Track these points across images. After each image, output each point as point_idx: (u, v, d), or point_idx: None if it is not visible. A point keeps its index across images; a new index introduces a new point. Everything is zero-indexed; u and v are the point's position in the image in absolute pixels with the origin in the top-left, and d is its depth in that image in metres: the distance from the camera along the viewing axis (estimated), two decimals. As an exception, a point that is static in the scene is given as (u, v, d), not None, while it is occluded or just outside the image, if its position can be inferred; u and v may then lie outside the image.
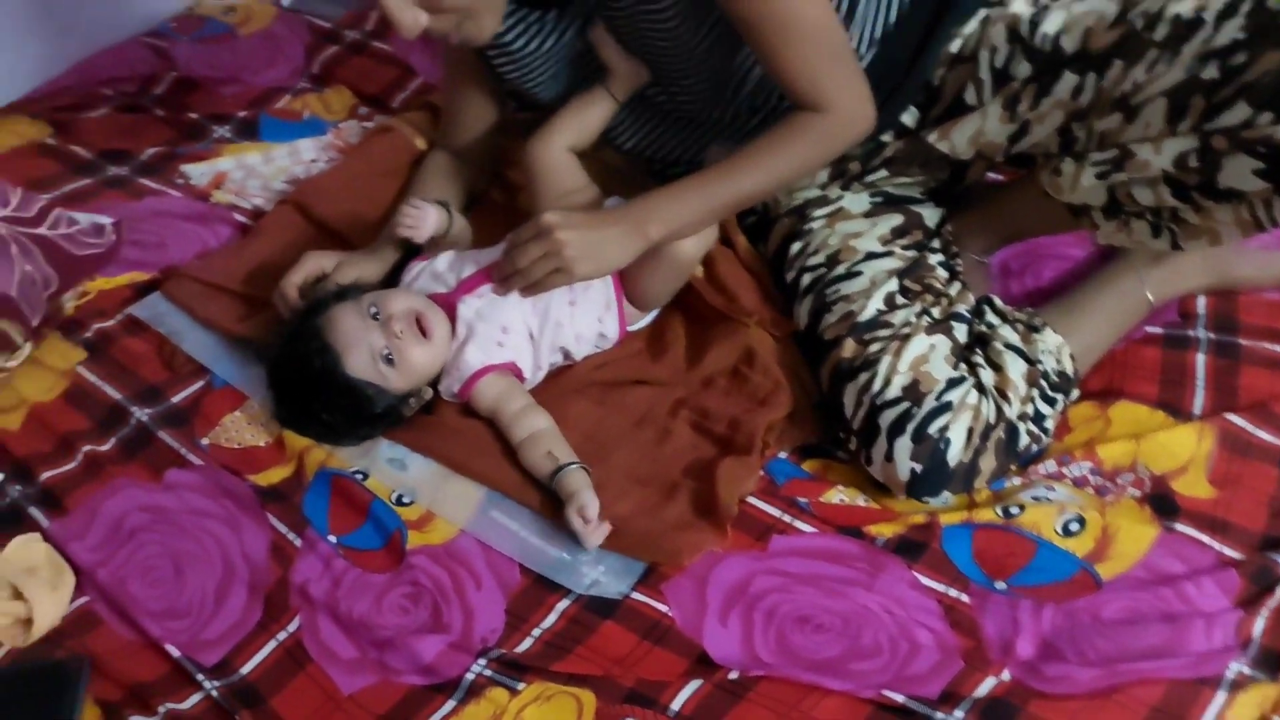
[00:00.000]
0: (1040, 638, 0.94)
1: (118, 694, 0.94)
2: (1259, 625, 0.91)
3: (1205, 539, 1.00)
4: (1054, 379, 1.11)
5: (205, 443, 1.14)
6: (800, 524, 1.05)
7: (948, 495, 1.06)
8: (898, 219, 1.20)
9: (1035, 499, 1.04)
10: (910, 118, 1.17)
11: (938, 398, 1.04)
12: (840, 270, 1.16)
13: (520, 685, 0.92)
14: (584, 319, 1.14)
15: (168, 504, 1.08)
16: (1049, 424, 1.10)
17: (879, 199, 1.22)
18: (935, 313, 1.12)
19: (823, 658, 0.93)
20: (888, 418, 1.05)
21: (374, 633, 0.96)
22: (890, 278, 1.14)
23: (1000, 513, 1.03)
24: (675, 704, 0.89)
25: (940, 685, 0.90)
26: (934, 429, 1.03)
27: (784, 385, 1.13)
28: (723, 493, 1.03)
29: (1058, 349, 1.13)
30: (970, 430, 1.04)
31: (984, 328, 1.15)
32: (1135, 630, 0.93)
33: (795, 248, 1.21)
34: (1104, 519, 1.02)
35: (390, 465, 1.10)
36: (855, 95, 1.05)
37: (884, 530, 1.03)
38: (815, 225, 1.21)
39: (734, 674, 0.91)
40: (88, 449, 1.13)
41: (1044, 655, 0.92)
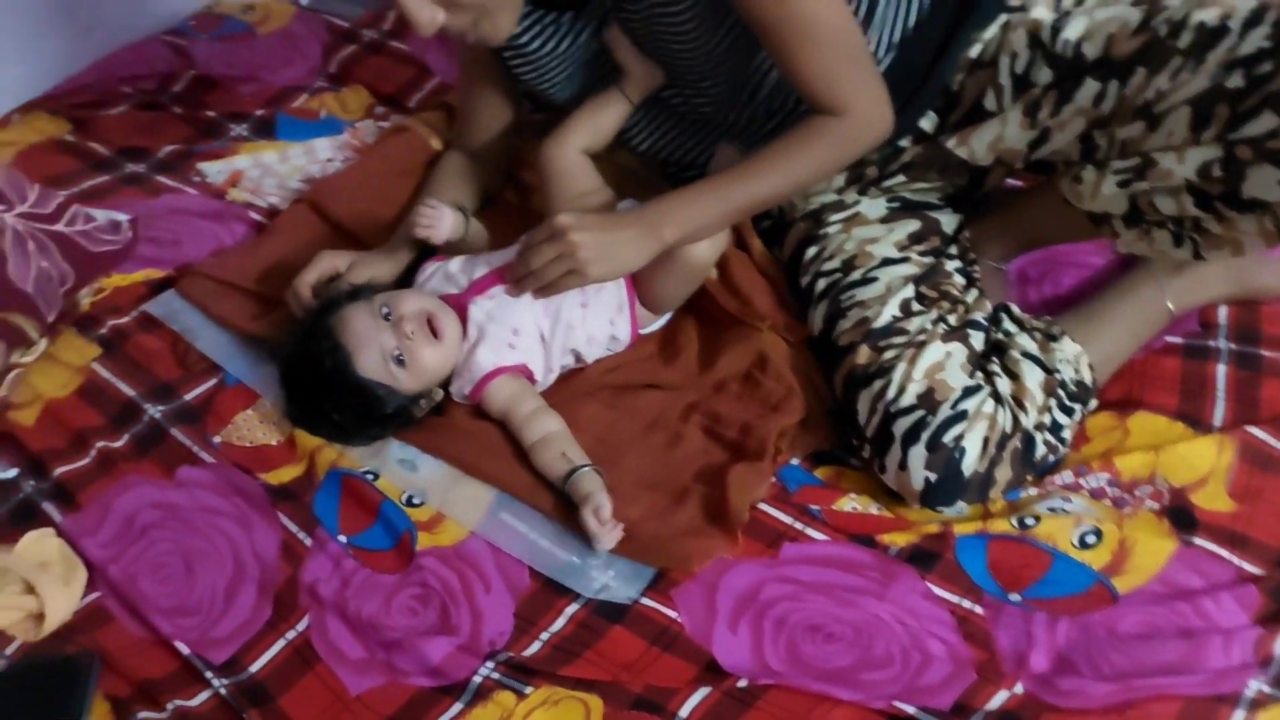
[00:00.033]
0: (1055, 651, 0.93)
1: (127, 690, 0.94)
2: (1279, 643, 0.90)
3: (1224, 554, 0.99)
4: (1072, 388, 1.10)
5: (217, 440, 1.14)
6: (812, 531, 1.04)
7: (962, 505, 1.05)
8: (915, 224, 1.19)
9: (1051, 510, 1.03)
10: (929, 123, 1.16)
11: (953, 406, 1.03)
12: (856, 276, 1.15)
13: (528, 689, 0.91)
14: (596, 321, 1.13)
15: (179, 501, 1.08)
16: (1066, 434, 1.09)
17: (896, 204, 1.21)
18: (952, 320, 1.11)
19: (833, 667, 0.92)
20: (902, 426, 1.04)
21: (382, 633, 0.96)
22: (906, 284, 1.13)
23: (1015, 523, 1.02)
24: (683, 711, 0.89)
25: (952, 697, 0.90)
26: (949, 438, 1.02)
27: (797, 391, 1.12)
28: (734, 499, 1.02)
29: (1076, 358, 1.12)
30: (986, 440, 1.03)
31: (1001, 336, 1.14)
32: (1152, 645, 0.92)
33: (810, 252, 1.20)
34: (1121, 531, 1.01)
35: (401, 466, 1.10)
36: (873, 99, 1.04)
37: (897, 539, 1.03)
38: (831, 230, 1.20)
39: (743, 682, 0.91)
40: (101, 445, 1.13)
41: (1058, 669, 0.91)
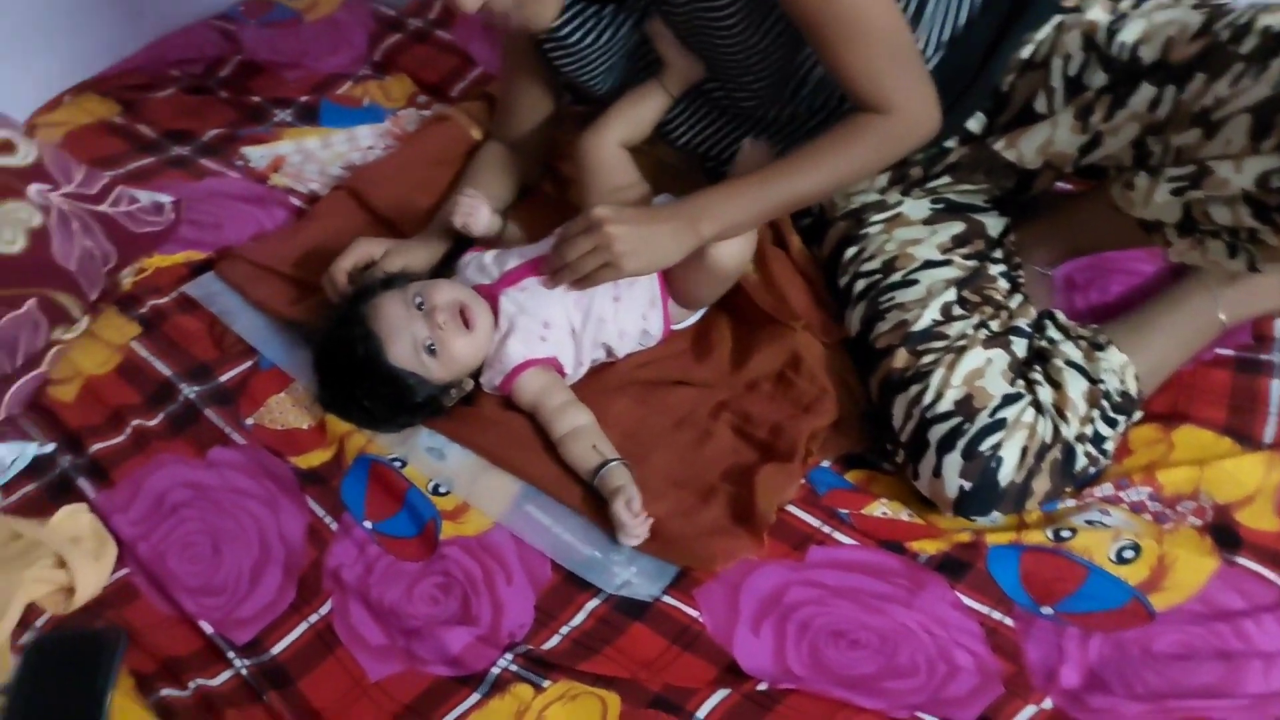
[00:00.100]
0: (1086, 667, 0.90)
1: (151, 666, 0.95)
2: (1322, 670, 0.87)
3: (1269, 574, 0.96)
4: (1116, 399, 1.07)
5: (250, 423, 1.15)
6: (840, 535, 1.02)
7: (997, 515, 1.03)
8: (959, 227, 1.17)
9: (1089, 523, 1.01)
10: (976, 124, 1.14)
11: (991, 414, 1.01)
12: (896, 277, 1.13)
13: (545, 683, 0.91)
14: (628, 316, 1.13)
15: (209, 481, 1.09)
16: (1109, 446, 1.06)
17: (940, 206, 1.19)
18: (994, 325, 1.09)
19: (857, 674, 0.91)
20: (938, 432, 1.02)
21: (403, 621, 0.96)
22: (948, 287, 1.10)
23: (1051, 535, 1.00)
24: (701, 712, 0.88)
25: (978, 710, 0.88)
26: (986, 447, 1.00)
27: (830, 392, 1.10)
28: (761, 500, 1.01)
29: (1121, 368, 1.09)
30: (1025, 450, 1.01)
31: (1045, 343, 1.11)
32: (1188, 666, 0.89)
33: (850, 252, 1.18)
34: (1161, 547, 0.98)
35: (429, 454, 1.10)
36: (920, 98, 1.03)
37: (927, 547, 1.01)
38: (872, 230, 1.18)
39: (763, 685, 0.89)
40: (136, 423, 1.15)
41: (1089, 686, 0.89)
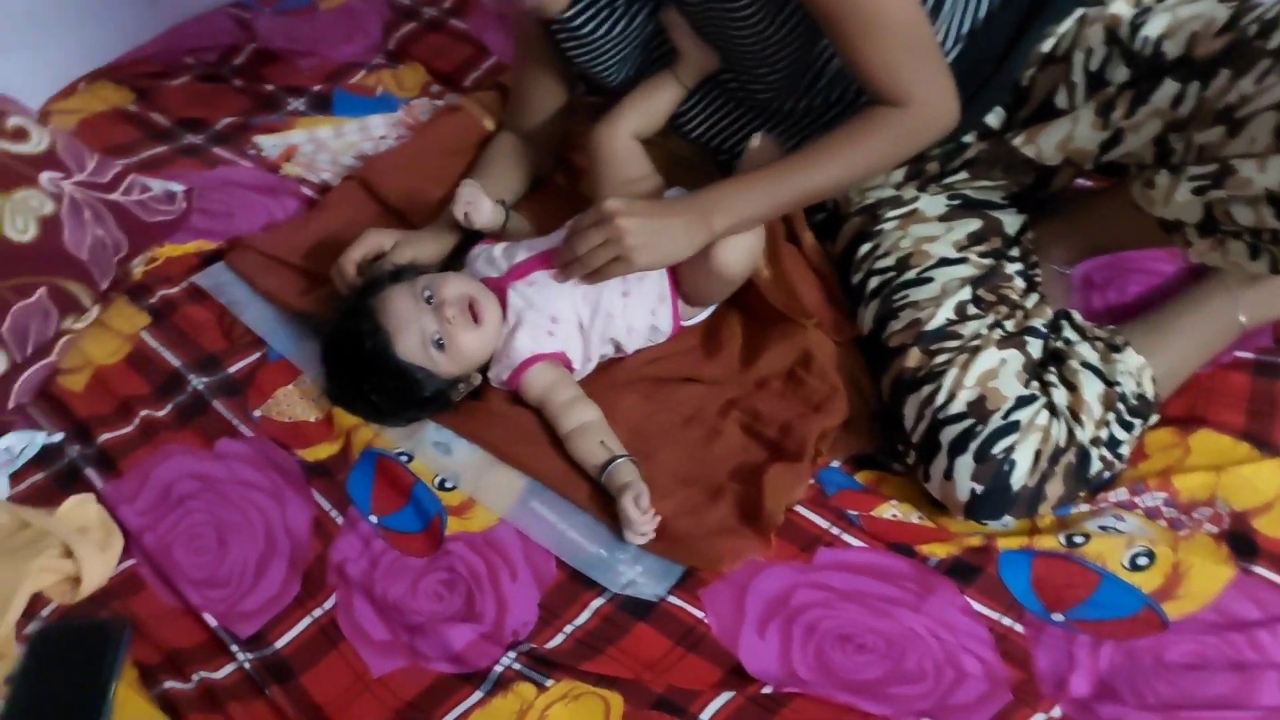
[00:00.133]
0: (1097, 676, 0.89)
1: (156, 658, 0.95)
2: (1340, 684, 0.85)
3: (1286, 584, 0.94)
4: (1132, 402, 1.05)
5: (257, 414, 1.14)
6: (848, 537, 1.01)
7: (1009, 519, 1.01)
8: (975, 224, 1.15)
9: (1103, 528, 0.99)
10: (995, 119, 1.12)
11: (1005, 416, 0.99)
12: (910, 275, 1.11)
13: (548, 682, 0.90)
14: (636, 311, 1.12)
15: (216, 473, 1.09)
16: (1124, 450, 1.05)
17: (956, 202, 1.17)
18: (1009, 325, 1.07)
19: (863, 679, 0.90)
20: (950, 434, 1.00)
21: (407, 617, 0.96)
22: (963, 286, 1.09)
23: (1063, 540, 0.98)
24: (704, 714, 0.87)
25: (985, 717, 0.87)
26: (998, 449, 0.98)
27: (841, 391, 1.09)
28: (769, 500, 1.00)
29: (1139, 370, 1.07)
30: (1038, 453, 0.99)
31: (1060, 344, 1.09)
32: (1201, 676, 0.88)
33: (864, 249, 1.17)
34: (1175, 555, 0.96)
35: (435, 449, 1.09)
36: (938, 91, 1.01)
37: (937, 550, 0.99)
38: (887, 226, 1.16)
39: (768, 688, 0.88)
40: (145, 414, 1.15)
41: (1099, 694, 0.88)
